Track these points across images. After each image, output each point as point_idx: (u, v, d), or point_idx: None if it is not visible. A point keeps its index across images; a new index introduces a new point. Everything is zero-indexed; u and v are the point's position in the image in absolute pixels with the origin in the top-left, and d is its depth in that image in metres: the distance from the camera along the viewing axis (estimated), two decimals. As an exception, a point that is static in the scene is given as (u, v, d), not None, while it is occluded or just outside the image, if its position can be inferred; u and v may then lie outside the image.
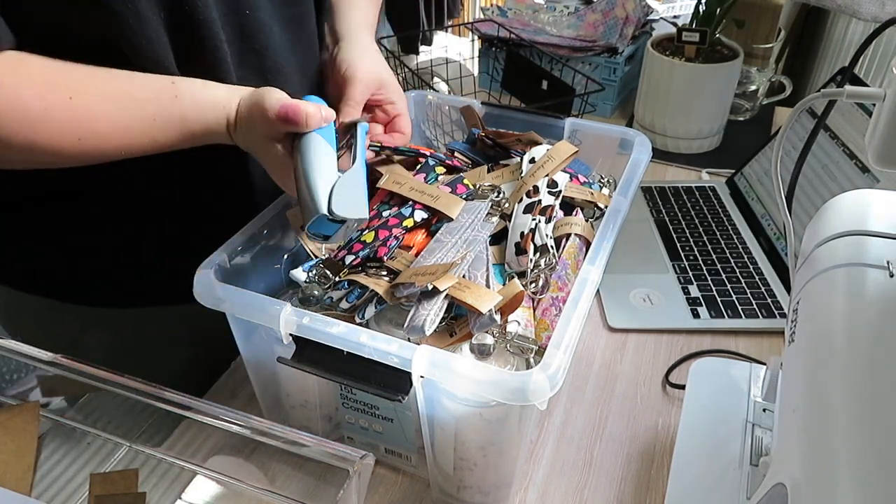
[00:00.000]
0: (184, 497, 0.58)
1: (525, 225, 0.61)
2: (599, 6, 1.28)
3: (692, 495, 0.56)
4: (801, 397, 0.40)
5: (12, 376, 0.63)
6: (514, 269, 0.62)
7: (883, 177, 0.77)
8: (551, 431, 0.68)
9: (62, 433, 0.61)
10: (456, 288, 0.54)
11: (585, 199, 0.67)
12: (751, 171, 1.01)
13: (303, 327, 0.51)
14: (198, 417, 0.54)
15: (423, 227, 0.62)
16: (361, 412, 0.60)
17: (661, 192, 1.03)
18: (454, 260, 0.57)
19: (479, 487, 0.58)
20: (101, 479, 0.57)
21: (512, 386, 0.46)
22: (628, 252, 0.90)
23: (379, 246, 0.59)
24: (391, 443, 0.61)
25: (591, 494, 0.62)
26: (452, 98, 0.86)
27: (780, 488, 0.38)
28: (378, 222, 0.61)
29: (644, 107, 1.16)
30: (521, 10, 1.34)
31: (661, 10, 1.46)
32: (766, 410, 0.59)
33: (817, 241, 0.47)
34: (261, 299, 0.53)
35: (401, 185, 0.63)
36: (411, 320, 0.53)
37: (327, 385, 0.59)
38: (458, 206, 0.61)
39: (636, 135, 0.73)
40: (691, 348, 0.77)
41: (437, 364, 0.48)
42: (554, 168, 0.66)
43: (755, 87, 1.22)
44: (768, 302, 0.82)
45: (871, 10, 1.14)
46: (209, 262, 0.56)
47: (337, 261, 0.60)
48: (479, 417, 0.52)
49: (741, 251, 0.90)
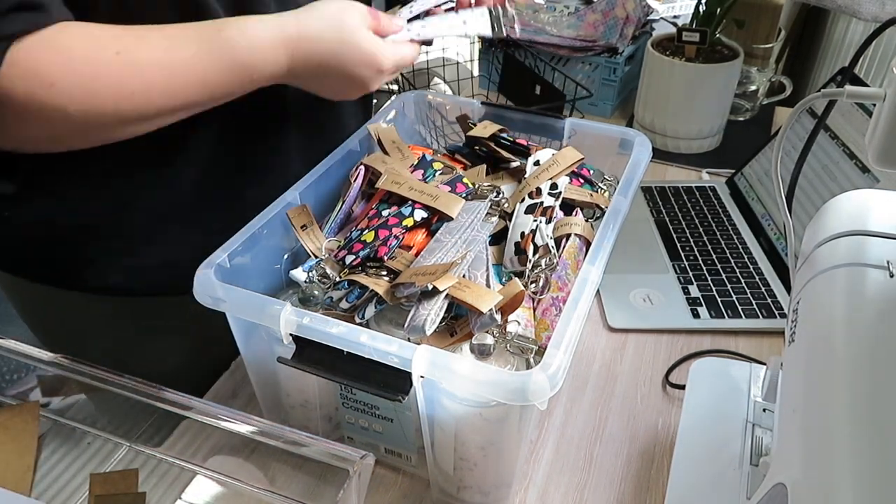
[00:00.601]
0: (184, 497, 0.58)
1: (526, 225, 0.61)
2: (599, 6, 1.28)
3: (692, 495, 0.56)
4: (801, 397, 0.40)
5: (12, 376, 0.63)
6: (511, 269, 0.62)
7: (883, 177, 0.77)
8: (551, 431, 0.68)
9: (62, 433, 0.61)
10: (456, 288, 0.54)
11: (585, 200, 0.68)
12: (751, 171, 1.01)
13: (303, 327, 0.51)
14: (198, 417, 0.55)
15: (423, 227, 0.62)
16: (361, 412, 0.60)
17: (661, 192, 1.03)
18: (454, 260, 0.57)
19: (479, 487, 0.58)
20: (101, 479, 0.57)
21: (512, 386, 0.46)
22: (628, 252, 0.90)
23: (379, 245, 0.59)
24: (391, 443, 0.61)
25: (591, 494, 0.62)
26: (453, 98, 0.86)
27: (780, 488, 0.38)
28: (378, 222, 0.61)
29: (644, 107, 1.16)
30: (521, 10, 1.34)
31: (661, 10, 1.46)
32: (766, 410, 0.59)
33: (817, 241, 0.47)
34: (261, 299, 0.53)
35: (400, 184, 0.63)
36: (411, 320, 0.53)
37: (327, 385, 0.59)
38: (457, 206, 0.62)
39: (636, 135, 0.73)
40: (691, 348, 0.77)
41: (437, 364, 0.48)
42: (559, 172, 0.66)
43: (755, 87, 1.22)
44: (768, 302, 0.82)
45: (871, 10, 1.14)
46: (209, 262, 0.56)
47: (337, 261, 0.60)
48: (479, 417, 0.52)
49: (741, 251, 0.90)
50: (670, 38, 1.12)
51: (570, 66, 1.25)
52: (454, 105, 0.82)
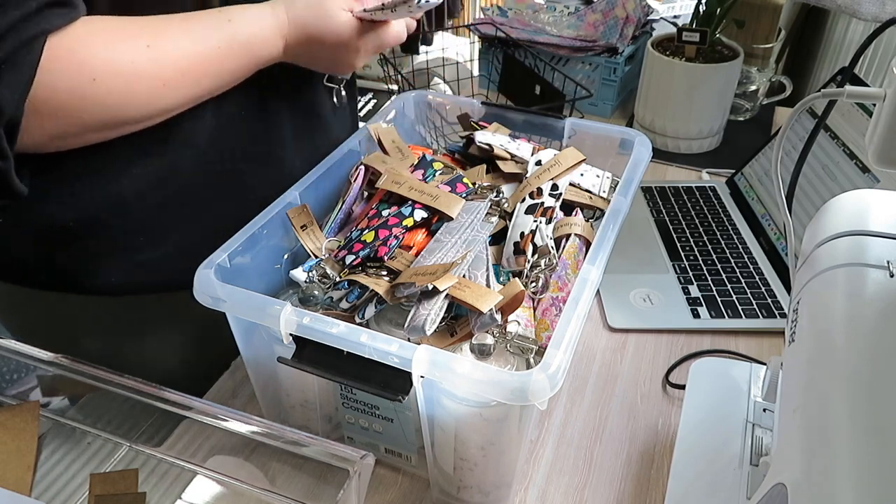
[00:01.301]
0: (184, 497, 0.58)
1: (526, 225, 0.61)
2: (599, 6, 1.28)
3: (692, 495, 0.56)
4: (801, 397, 0.40)
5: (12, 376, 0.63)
6: (509, 269, 0.62)
7: (883, 177, 0.77)
8: (551, 431, 0.68)
9: (62, 433, 0.61)
10: (456, 288, 0.54)
11: (584, 202, 0.68)
12: (751, 171, 1.01)
13: (303, 327, 0.51)
14: (198, 417, 0.55)
15: (424, 227, 0.62)
16: (361, 412, 0.60)
17: (661, 192, 1.03)
18: (454, 260, 0.57)
19: (479, 487, 0.58)
20: (101, 479, 0.57)
21: (512, 386, 0.46)
22: (628, 252, 0.90)
23: (379, 245, 0.59)
24: (391, 443, 0.61)
25: (591, 494, 0.62)
26: (454, 98, 0.86)
27: (780, 488, 0.38)
28: (378, 222, 0.61)
29: (644, 107, 1.16)
30: (521, 10, 1.34)
31: (661, 10, 1.46)
32: (766, 410, 0.59)
33: (817, 241, 0.47)
34: (261, 299, 0.53)
35: (400, 184, 0.63)
36: (412, 320, 0.53)
37: (327, 385, 0.59)
38: (458, 205, 0.62)
39: (636, 134, 0.73)
40: (691, 348, 0.77)
41: (438, 364, 0.48)
42: (560, 173, 0.66)
43: (755, 87, 1.22)
44: (768, 302, 0.82)
45: (871, 10, 1.14)
46: (209, 262, 0.56)
47: (337, 261, 0.60)
48: (480, 417, 0.52)
49: (741, 251, 0.90)
50: (670, 38, 1.12)
51: (570, 66, 1.25)
52: (454, 105, 0.82)
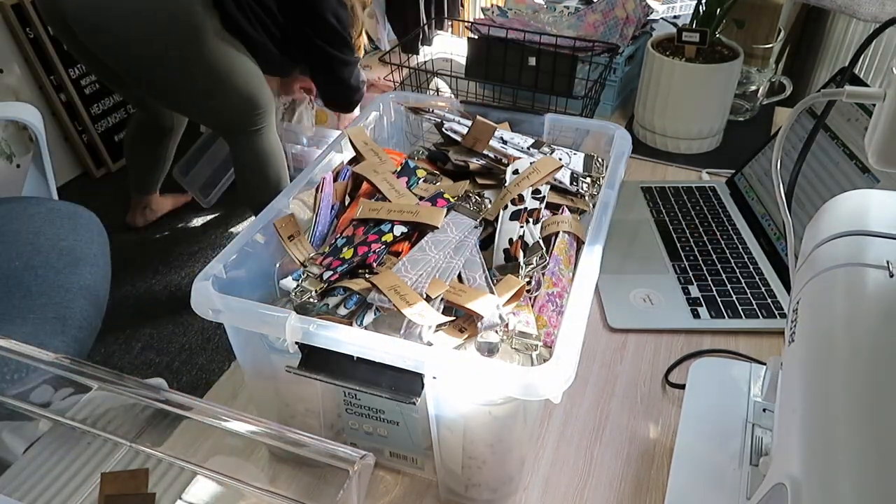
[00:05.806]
0: (184, 497, 0.58)
1: (513, 231, 0.62)
2: (599, 6, 1.28)
3: (692, 495, 0.56)
4: (801, 397, 0.40)
5: (12, 376, 0.63)
6: (501, 276, 0.62)
7: (883, 177, 0.77)
8: (551, 431, 0.68)
9: (62, 433, 0.61)
10: (451, 293, 0.54)
11: (567, 204, 0.68)
12: (751, 171, 1.01)
13: (309, 334, 0.51)
14: (198, 417, 0.54)
15: (406, 240, 0.62)
16: (366, 417, 0.59)
17: (661, 192, 1.03)
18: (435, 275, 0.57)
19: (487, 484, 0.58)
20: (111, 478, 0.57)
21: (526, 381, 0.46)
22: (628, 252, 0.90)
23: (369, 255, 0.58)
24: (397, 446, 0.61)
25: (591, 494, 0.62)
26: (430, 98, 0.85)
27: (780, 488, 0.38)
28: (358, 240, 0.61)
29: (644, 107, 1.16)
30: (521, 10, 1.34)
31: (661, 10, 1.46)
32: (766, 410, 0.59)
33: (817, 241, 0.47)
34: (263, 309, 0.52)
35: (378, 210, 0.63)
36: (407, 328, 0.53)
37: (330, 392, 0.59)
38: (440, 215, 0.61)
39: (616, 128, 0.75)
40: (691, 348, 0.77)
41: (451, 364, 0.48)
42: (539, 180, 0.66)
43: (755, 88, 1.22)
44: (768, 302, 0.82)
45: (870, 10, 1.14)
46: (206, 273, 0.55)
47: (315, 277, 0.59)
48: (489, 415, 0.52)
49: (741, 251, 0.90)
50: (670, 38, 1.12)
51: (561, 73, 1.24)
52: (432, 105, 0.81)
